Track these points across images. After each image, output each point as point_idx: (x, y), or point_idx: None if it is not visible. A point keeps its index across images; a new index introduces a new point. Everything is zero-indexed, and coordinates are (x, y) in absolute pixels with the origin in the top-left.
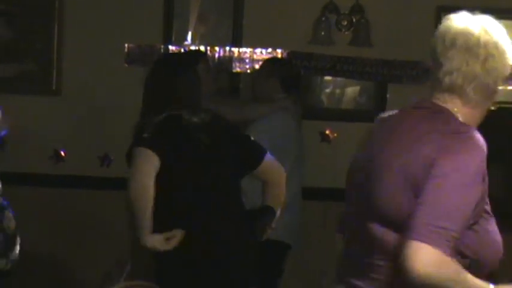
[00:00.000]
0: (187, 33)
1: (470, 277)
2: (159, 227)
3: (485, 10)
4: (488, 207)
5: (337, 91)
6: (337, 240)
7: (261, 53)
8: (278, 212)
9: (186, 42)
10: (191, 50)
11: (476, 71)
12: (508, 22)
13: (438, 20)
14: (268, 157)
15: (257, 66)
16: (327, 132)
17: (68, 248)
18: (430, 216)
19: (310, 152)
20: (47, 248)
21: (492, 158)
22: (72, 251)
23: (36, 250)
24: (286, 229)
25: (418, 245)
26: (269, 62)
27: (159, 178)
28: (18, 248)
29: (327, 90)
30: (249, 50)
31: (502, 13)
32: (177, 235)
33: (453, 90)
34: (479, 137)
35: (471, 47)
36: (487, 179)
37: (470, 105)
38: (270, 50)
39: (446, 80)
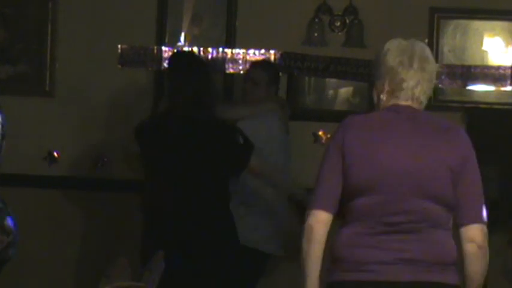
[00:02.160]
0: (180, 34)
1: None
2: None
3: (476, 11)
4: None
5: (331, 92)
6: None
7: (254, 54)
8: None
9: (179, 44)
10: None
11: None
12: (498, 23)
13: (431, 21)
14: (253, 160)
15: None
16: (320, 133)
17: (62, 248)
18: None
19: (303, 153)
20: (42, 249)
21: (487, 159)
22: (66, 251)
23: (30, 251)
24: (264, 238)
25: (483, 227)
26: (266, 73)
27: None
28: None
29: (320, 91)
30: (242, 51)
31: (493, 14)
32: None
33: (413, 99)
34: None
35: (424, 67)
36: None
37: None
38: (263, 51)
39: (409, 92)
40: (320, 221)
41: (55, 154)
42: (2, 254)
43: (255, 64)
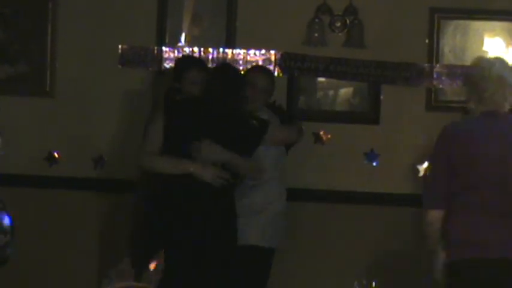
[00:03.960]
0: (180, 34)
1: None
2: None
3: (476, 11)
4: None
5: (331, 92)
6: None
7: (255, 55)
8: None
9: (179, 44)
10: (187, 56)
11: None
12: (498, 23)
13: (431, 21)
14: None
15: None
16: (321, 133)
17: (62, 248)
18: None
19: (303, 153)
20: (42, 250)
21: None
22: (66, 251)
23: (30, 251)
24: (264, 233)
25: None
26: (268, 76)
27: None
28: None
29: (321, 92)
30: (242, 51)
31: (493, 14)
32: None
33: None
34: None
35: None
36: None
37: None
38: (263, 51)
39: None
40: (436, 218)
41: (55, 154)
42: (0, 253)
43: (256, 69)
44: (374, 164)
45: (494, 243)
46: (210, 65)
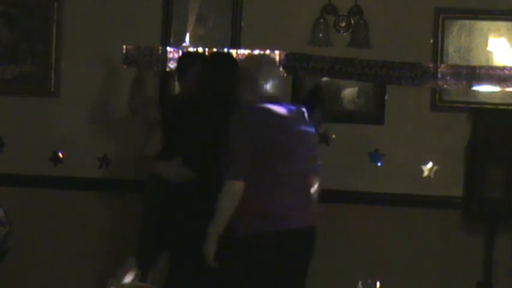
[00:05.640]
0: (185, 34)
1: None
2: None
3: (481, 11)
4: None
5: (336, 93)
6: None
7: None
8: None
9: (184, 44)
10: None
11: None
12: (503, 23)
13: (436, 21)
14: None
15: None
16: (326, 133)
17: (67, 249)
18: None
19: None
20: (47, 249)
21: (491, 160)
22: (71, 251)
23: (35, 251)
24: None
25: None
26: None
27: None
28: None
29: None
30: (247, 51)
31: (498, 14)
32: None
33: None
34: None
35: None
36: None
37: None
38: (268, 51)
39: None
40: (240, 190)
41: (60, 154)
42: (2, 246)
43: None
44: (378, 164)
45: (294, 215)
46: None
